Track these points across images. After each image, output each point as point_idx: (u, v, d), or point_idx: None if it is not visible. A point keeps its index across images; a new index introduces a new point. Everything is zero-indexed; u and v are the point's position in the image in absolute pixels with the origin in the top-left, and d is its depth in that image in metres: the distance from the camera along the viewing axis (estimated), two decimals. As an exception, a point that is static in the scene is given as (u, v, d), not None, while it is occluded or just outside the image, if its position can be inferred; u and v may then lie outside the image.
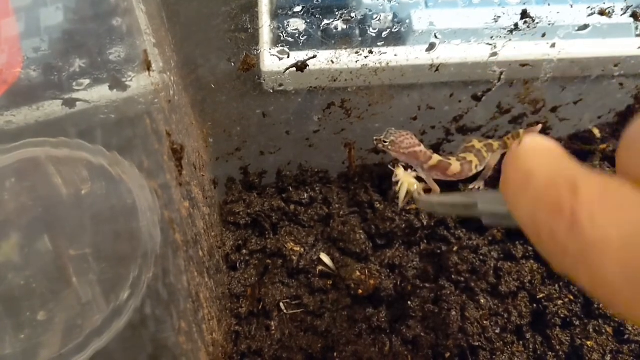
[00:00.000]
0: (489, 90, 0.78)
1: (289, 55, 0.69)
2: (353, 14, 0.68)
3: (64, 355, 0.49)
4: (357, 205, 0.83)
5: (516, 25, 0.70)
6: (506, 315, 0.71)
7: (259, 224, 0.83)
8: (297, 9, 0.67)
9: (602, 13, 0.70)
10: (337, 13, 0.68)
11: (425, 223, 0.78)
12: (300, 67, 0.70)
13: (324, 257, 0.77)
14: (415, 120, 0.82)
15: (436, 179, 0.78)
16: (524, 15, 0.69)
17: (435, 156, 0.75)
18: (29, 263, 0.52)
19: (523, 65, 0.75)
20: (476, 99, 0.80)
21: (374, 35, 0.70)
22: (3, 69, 0.57)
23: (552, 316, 0.70)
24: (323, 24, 0.68)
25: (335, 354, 0.70)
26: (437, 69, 0.74)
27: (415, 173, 0.73)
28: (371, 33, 0.70)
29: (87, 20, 0.60)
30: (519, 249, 0.75)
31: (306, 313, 0.75)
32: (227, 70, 0.70)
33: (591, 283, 0.27)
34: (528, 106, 0.82)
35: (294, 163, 0.86)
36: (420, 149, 0.74)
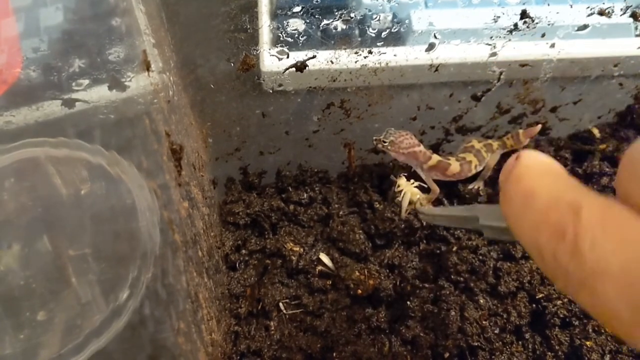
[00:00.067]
0: (488, 90, 0.78)
1: (288, 56, 0.69)
2: (352, 14, 0.68)
3: (63, 355, 0.49)
4: (356, 205, 0.83)
5: (516, 25, 0.70)
6: (505, 315, 0.71)
7: (258, 224, 0.83)
8: (297, 9, 0.67)
9: (601, 13, 0.70)
10: (336, 13, 0.68)
11: (424, 223, 0.78)
12: (300, 67, 0.70)
13: (324, 257, 0.77)
14: (415, 120, 0.82)
15: (435, 179, 0.78)
16: (524, 15, 0.69)
17: (434, 156, 0.75)
18: (28, 263, 0.52)
19: (522, 65, 0.75)
20: (476, 99, 0.80)
21: (374, 35, 0.70)
22: (3, 69, 0.57)
23: (551, 316, 0.70)
24: (322, 24, 0.68)
25: (335, 354, 0.70)
26: (436, 69, 0.74)
27: (418, 183, 0.73)
28: (370, 33, 0.70)
29: (86, 21, 0.60)
30: (518, 249, 0.74)
31: (305, 313, 0.75)
32: (226, 71, 0.70)
33: (593, 307, 0.27)
34: (528, 106, 0.82)
35: (294, 163, 0.86)
36: (420, 149, 0.74)
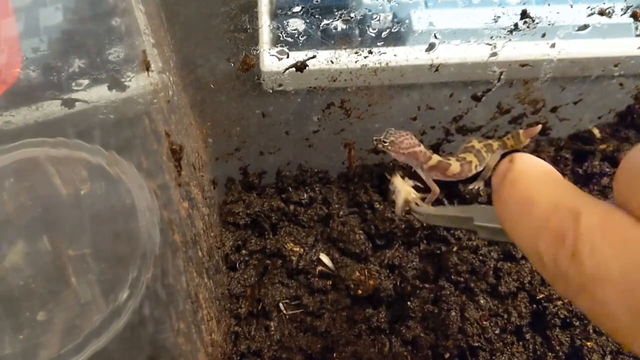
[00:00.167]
0: (488, 91, 0.78)
1: (288, 56, 0.69)
2: (352, 14, 0.68)
3: (62, 355, 0.49)
4: (356, 205, 0.83)
5: (516, 25, 0.70)
6: (506, 315, 0.71)
7: (258, 224, 0.83)
8: (297, 9, 0.67)
9: (602, 13, 0.69)
10: (336, 13, 0.68)
11: (424, 223, 0.77)
12: (300, 67, 0.70)
13: (324, 258, 0.77)
14: (415, 120, 0.82)
15: (436, 179, 0.78)
16: (524, 15, 0.69)
17: (434, 156, 0.75)
18: (28, 263, 0.52)
19: (523, 65, 0.75)
20: (476, 99, 0.79)
21: (374, 35, 0.70)
22: (2, 69, 0.57)
23: (551, 317, 0.69)
24: (322, 24, 0.68)
25: (335, 355, 0.70)
26: (436, 69, 0.74)
27: (413, 182, 0.73)
28: (371, 33, 0.70)
29: (86, 21, 0.60)
30: (518, 250, 0.74)
31: (306, 313, 0.74)
32: (226, 71, 0.70)
33: (592, 311, 0.27)
34: (528, 106, 0.82)
35: (294, 163, 0.86)
36: (420, 149, 0.74)
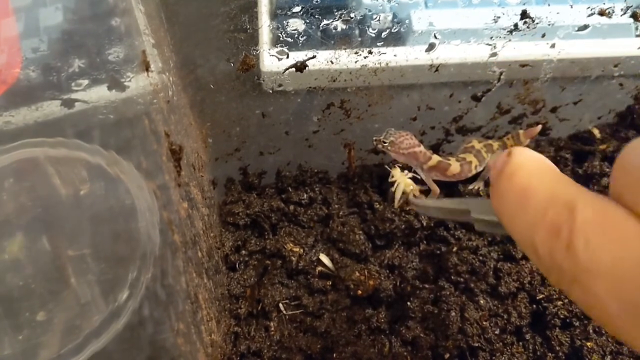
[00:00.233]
0: (488, 91, 0.78)
1: (288, 56, 0.69)
2: (352, 14, 0.68)
3: (62, 356, 0.49)
4: (356, 205, 0.83)
5: (516, 25, 0.70)
6: (506, 316, 0.71)
7: (258, 225, 0.83)
8: (297, 9, 0.67)
9: (601, 13, 0.69)
10: (336, 13, 0.68)
11: (424, 224, 0.77)
12: (300, 67, 0.70)
13: (324, 258, 0.77)
14: (415, 120, 0.82)
15: (436, 180, 0.78)
16: (524, 15, 0.69)
17: (434, 157, 0.75)
18: (28, 263, 0.52)
19: (523, 65, 0.75)
20: (476, 99, 0.79)
21: (374, 35, 0.70)
22: (2, 69, 0.57)
23: (551, 317, 0.69)
24: (322, 24, 0.68)
25: (335, 355, 0.70)
26: (436, 69, 0.74)
27: (412, 174, 0.73)
28: (370, 33, 0.69)
29: (85, 21, 0.60)
30: (518, 250, 0.74)
31: (305, 314, 0.74)
32: (226, 71, 0.70)
33: (584, 303, 0.28)
34: (528, 106, 0.82)
35: (294, 163, 0.86)
36: (420, 150, 0.74)
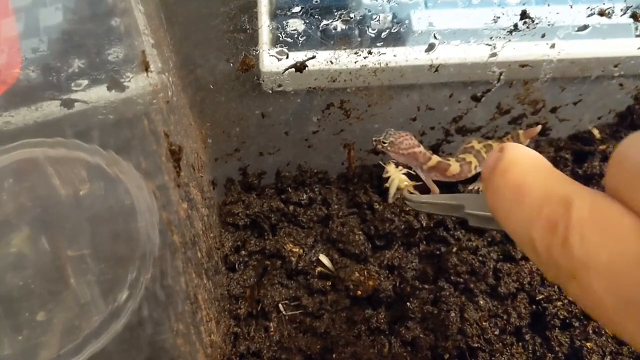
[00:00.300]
0: (488, 91, 0.78)
1: (287, 56, 0.69)
2: (352, 15, 0.68)
3: (62, 356, 0.49)
4: (356, 206, 0.83)
5: (516, 25, 0.70)
6: (505, 316, 0.71)
7: (257, 225, 0.83)
8: (296, 9, 0.67)
9: (601, 13, 0.69)
10: (336, 13, 0.68)
11: (424, 224, 0.77)
12: (299, 67, 0.70)
13: (323, 258, 0.77)
14: (415, 120, 0.82)
15: (435, 180, 0.78)
16: (524, 15, 0.69)
17: (434, 157, 0.75)
18: (27, 263, 0.52)
19: (522, 65, 0.75)
20: (475, 99, 0.79)
21: (373, 35, 0.70)
22: (2, 69, 0.57)
23: (551, 317, 0.69)
24: (322, 24, 0.68)
25: (334, 355, 0.70)
26: (436, 70, 0.74)
27: (406, 170, 0.74)
28: (370, 33, 0.69)
29: (85, 21, 0.60)
30: (518, 250, 0.74)
31: (305, 314, 0.74)
32: (226, 71, 0.70)
33: (581, 297, 0.28)
34: (528, 107, 0.82)
35: (293, 164, 0.86)
36: (420, 150, 0.74)
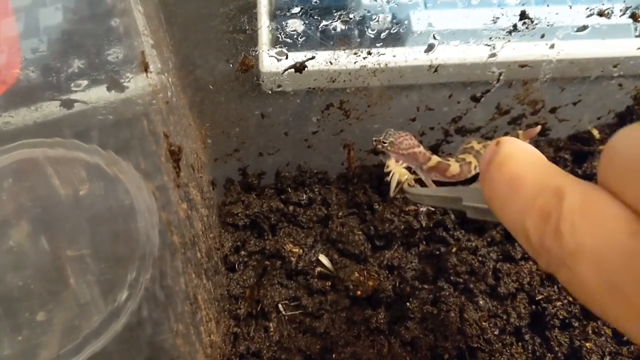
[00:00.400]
0: (487, 91, 0.78)
1: (287, 57, 0.69)
2: (352, 15, 0.68)
3: (61, 356, 0.49)
4: (356, 206, 0.83)
5: (515, 26, 0.70)
6: (505, 316, 0.71)
7: (257, 225, 0.83)
8: (296, 10, 0.67)
9: (601, 14, 0.69)
10: (335, 14, 0.68)
11: (424, 224, 0.77)
12: (299, 68, 0.70)
13: (323, 259, 0.77)
14: (414, 121, 0.82)
15: (435, 180, 0.78)
16: (523, 16, 0.69)
17: (434, 157, 0.75)
18: (27, 263, 0.52)
19: (522, 66, 0.75)
20: (475, 99, 0.79)
21: (373, 36, 0.70)
22: (2, 69, 0.57)
23: (550, 317, 0.69)
24: (321, 25, 0.68)
25: (334, 355, 0.70)
26: (435, 70, 0.74)
27: (407, 164, 0.74)
28: (370, 34, 0.69)
29: (85, 21, 0.60)
30: (517, 250, 0.74)
31: (305, 314, 0.74)
32: (225, 71, 0.70)
33: (570, 284, 0.30)
34: (527, 107, 0.82)
35: (293, 164, 0.86)
36: (420, 150, 0.74)
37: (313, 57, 0.69)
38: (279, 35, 0.68)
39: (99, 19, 0.59)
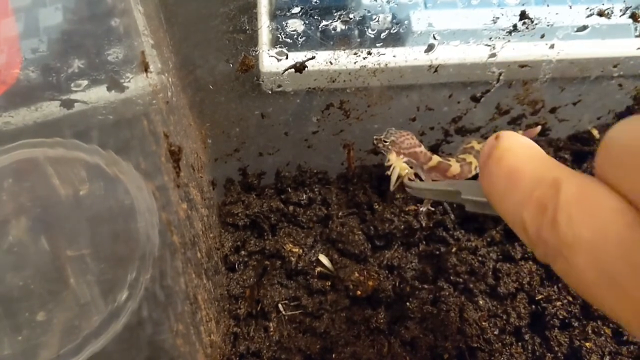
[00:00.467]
0: (487, 91, 0.78)
1: (287, 57, 0.69)
2: (352, 15, 0.68)
3: (61, 356, 0.49)
4: (355, 206, 0.83)
5: (515, 26, 0.70)
6: (505, 316, 0.71)
7: (257, 225, 0.83)
8: (296, 10, 0.67)
9: (601, 14, 0.69)
10: (335, 14, 0.68)
11: (424, 224, 0.77)
12: (299, 68, 0.70)
13: (323, 258, 0.77)
14: (414, 121, 0.82)
15: (435, 180, 0.78)
16: (523, 16, 0.69)
17: (435, 157, 0.75)
18: (27, 263, 0.52)
19: (522, 66, 0.75)
20: (475, 99, 0.79)
21: (373, 36, 0.70)
22: (2, 69, 0.57)
23: (550, 317, 0.69)
24: (322, 25, 0.68)
25: (334, 355, 0.70)
26: (435, 70, 0.74)
27: (408, 158, 0.74)
28: (370, 34, 0.69)
29: (85, 21, 0.60)
30: (517, 250, 0.74)
31: (305, 314, 0.74)
32: (225, 71, 0.70)
33: (567, 275, 0.30)
34: (527, 107, 0.82)
35: (293, 164, 0.86)
36: (421, 150, 0.74)
37: (313, 57, 0.69)
38: (279, 35, 0.68)
39: (99, 19, 0.59)
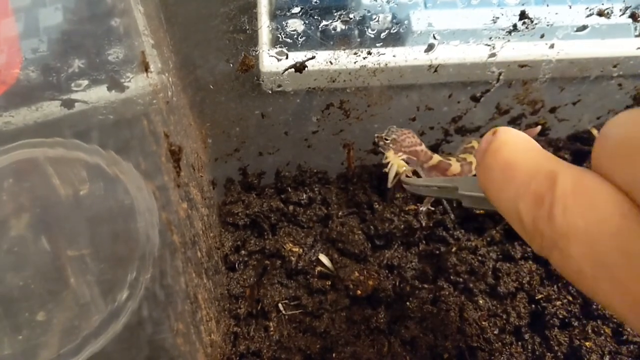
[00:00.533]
0: (487, 91, 0.78)
1: (287, 56, 0.69)
2: (352, 15, 0.68)
3: (61, 356, 0.49)
4: (355, 205, 0.83)
5: (515, 26, 0.70)
6: (505, 316, 0.71)
7: (257, 225, 0.83)
8: (296, 9, 0.67)
9: (600, 14, 0.69)
10: (335, 14, 0.68)
11: (424, 224, 0.78)
12: (299, 68, 0.70)
13: (323, 258, 0.77)
14: (414, 120, 0.82)
15: (434, 179, 0.78)
16: (523, 16, 0.69)
17: (435, 156, 0.75)
18: (27, 263, 0.52)
19: (522, 65, 0.75)
20: (475, 99, 0.80)
21: (373, 36, 0.70)
22: (2, 69, 0.57)
23: (550, 317, 0.70)
24: (322, 24, 0.68)
25: (334, 355, 0.70)
26: (435, 70, 0.74)
27: (405, 156, 0.74)
28: (370, 34, 0.70)
29: (85, 21, 0.60)
30: (517, 250, 0.75)
31: (305, 314, 0.74)
32: (225, 71, 0.70)
33: (562, 266, 0.30)
34: (527, 107, 0.82)
35: (293, 164, 0.86)
36: (421, 149, 0.74)
37: (313, 57, 0.69)
38: (279, 35, 0.68)
39: (99, 19, 0.59)
